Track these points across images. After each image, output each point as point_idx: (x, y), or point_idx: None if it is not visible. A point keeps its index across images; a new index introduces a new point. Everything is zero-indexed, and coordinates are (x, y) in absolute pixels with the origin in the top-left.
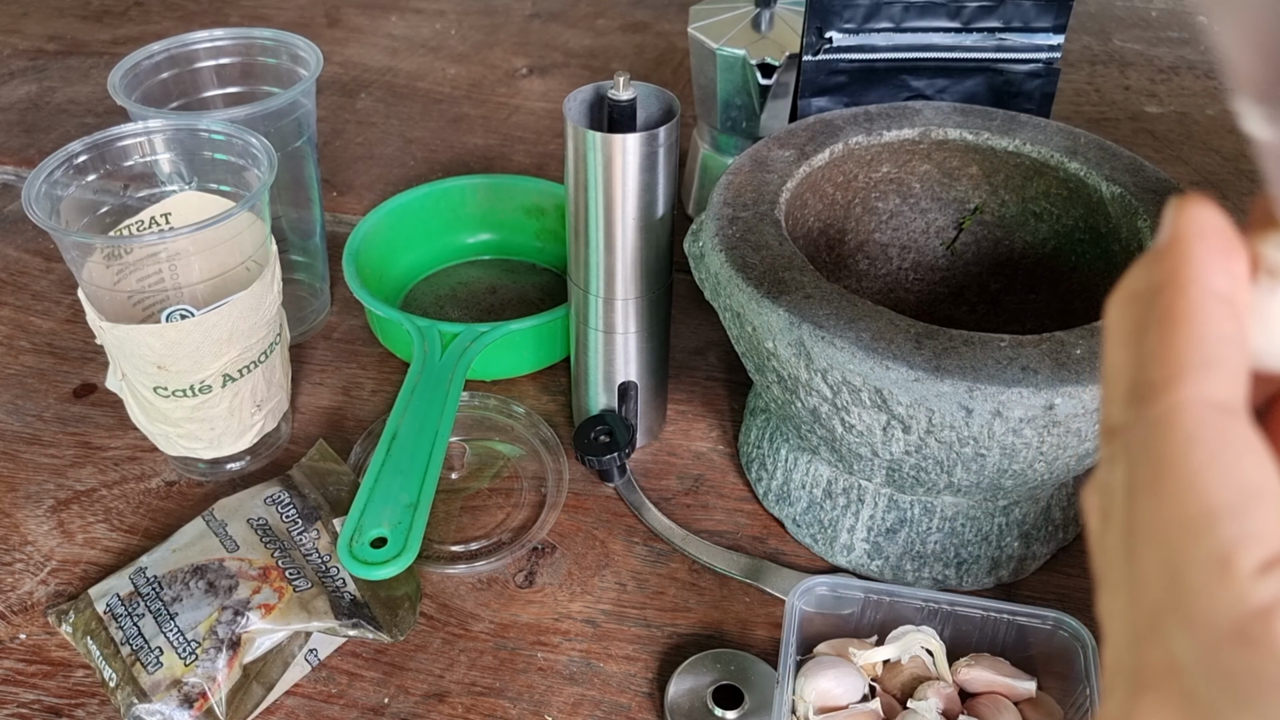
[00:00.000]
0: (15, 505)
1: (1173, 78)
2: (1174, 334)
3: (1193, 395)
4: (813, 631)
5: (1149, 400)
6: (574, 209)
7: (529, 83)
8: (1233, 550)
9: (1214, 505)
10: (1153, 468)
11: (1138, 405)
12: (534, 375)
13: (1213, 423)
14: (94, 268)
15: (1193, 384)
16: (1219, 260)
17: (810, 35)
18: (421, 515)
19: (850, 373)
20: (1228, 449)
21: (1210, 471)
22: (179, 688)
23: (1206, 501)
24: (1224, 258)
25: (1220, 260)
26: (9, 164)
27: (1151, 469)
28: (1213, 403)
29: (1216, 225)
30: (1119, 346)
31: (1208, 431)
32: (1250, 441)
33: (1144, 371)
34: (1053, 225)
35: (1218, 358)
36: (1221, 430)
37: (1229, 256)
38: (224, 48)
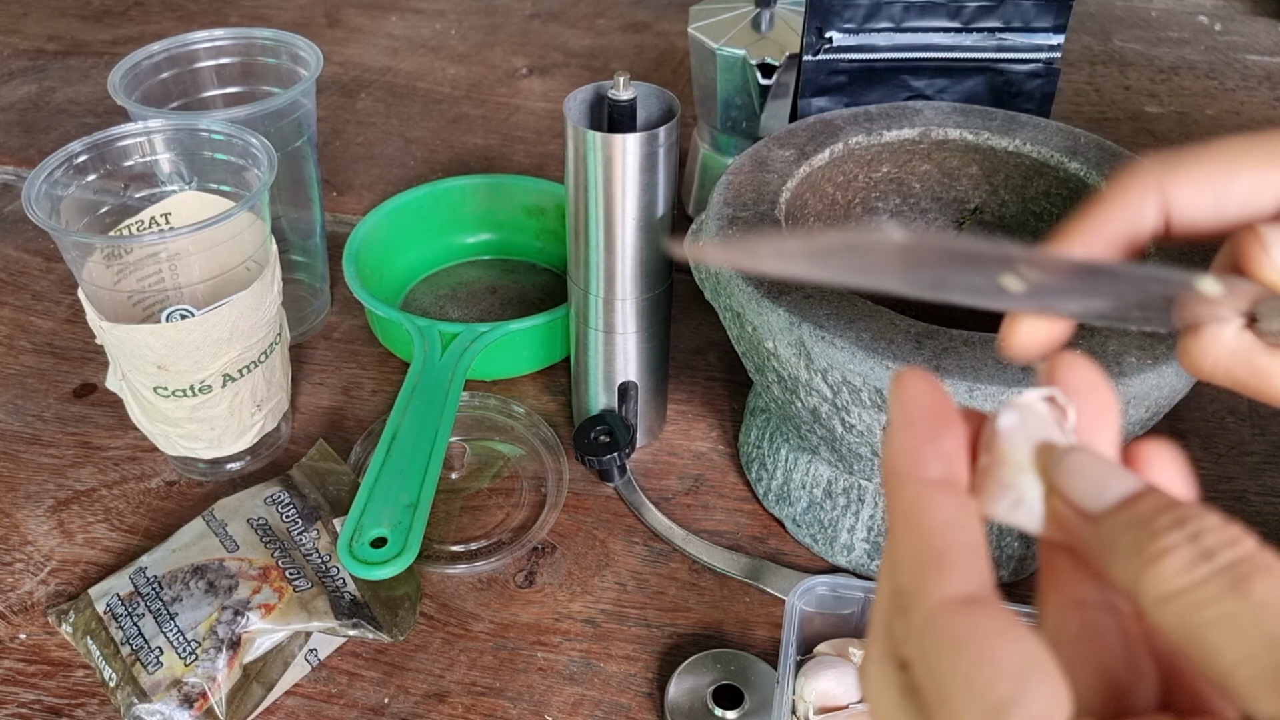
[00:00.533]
0: (15, 505)
1: (1173, 78)
2: (904, 536)
3: (938, 598)
4: (813, 631)
5: (906, 612)
6: (574, 209)
7: (529, 83)
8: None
9: (996, 701)
10: (935, 684)
11: (900, 617)
12: (534, 375)
13: (965, 621)
14: (94, 268)
15: (934, 586)
16: (928, 445)
17: (810, 35)
18: (421, 515)
19: (850, 373)
20: (986, 643)
21: (981, 671)
22: (179, 688)
23: (989, 699)
24: (932, 439)
25: (929, 444)
26: (9, 164)
27: (935, 685)
28: (956, 599)
29: (920, 402)
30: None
31: (964, 632)
32: (1000, 626)
33: (895, 579)
34: (1053, 225)
35: (945, 548)
36: (973, 627)
37: (938, 435)
38: (224, 48)
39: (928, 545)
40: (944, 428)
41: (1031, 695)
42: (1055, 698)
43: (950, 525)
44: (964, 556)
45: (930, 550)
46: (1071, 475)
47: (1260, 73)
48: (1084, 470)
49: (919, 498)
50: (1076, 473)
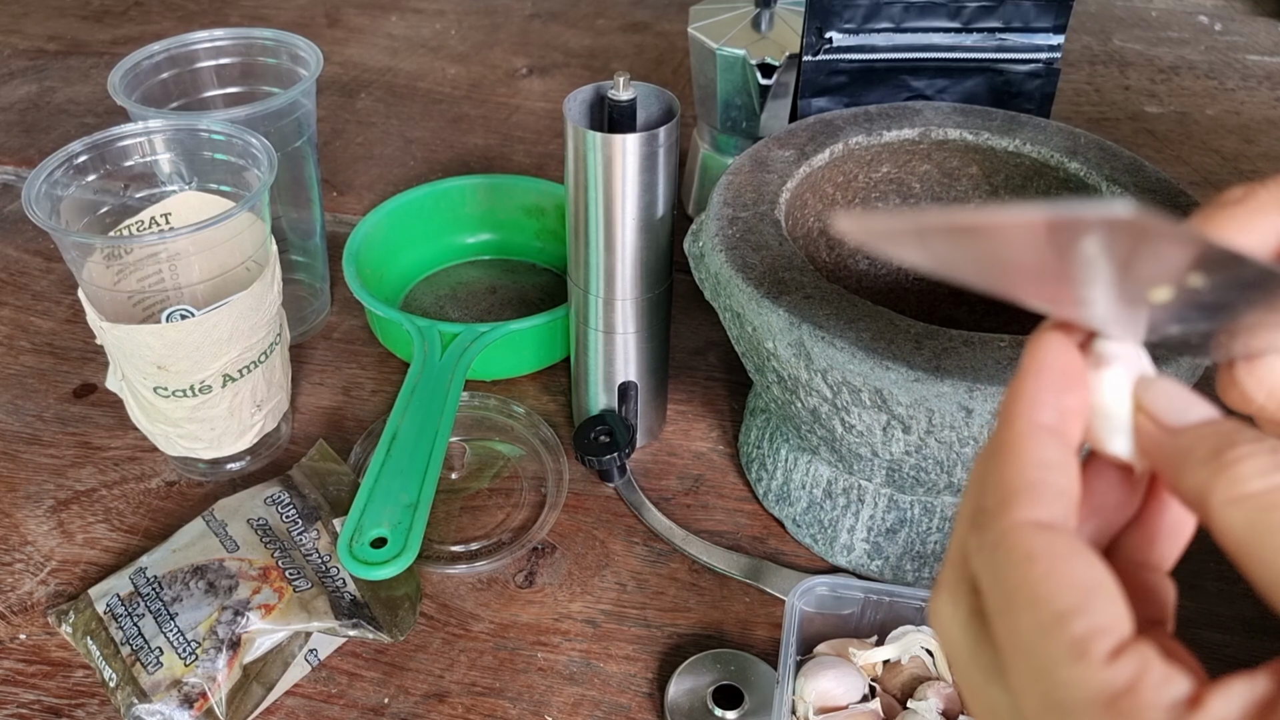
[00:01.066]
0: (15, 505)
1: (1173, 78)
2: (1001, 463)
3: (1020, 518)
4: (813, 631)
5: (985, 526)
6: (574, 209)
7: (529, 83)
8: (1086, 642)
9: (1060, 609)
10: (1002, 590)
11: (978, 531)
12: (534, 375)
13: (1041, 539)
14: (94, 268)
15: (1019, 508)
16: (1049, 395)
17: (810, 35)
18: (421, 515)
19: (850, 373)
20: (1058, 559)
21: (1049, 581)
22: (179, 688)
23: (1053, 607)
24: (1056, 393)
25: (1051, 394)
26: (9, 164)
27: (1001, 592)
28: (1036, 523)
29: (1056, 359)
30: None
31: (1039, 547)
32: (1075, 548)
33: (979, 500)
34: None
35: (1039, 481)
36: (1050, 544)
37: (1062, 391)
38: (224, 48)
39: (1022, 474)
40: (1071, 387)
41: (1094, 608)
42: (1117, 615)
43: (1050, 464)
44: (1055, 494)
45: (1024, 479)
46: (1160, 395)
47: (1260, 73)
48: (1172, 393)
49: (1028, 432)
50: (1165, 394)
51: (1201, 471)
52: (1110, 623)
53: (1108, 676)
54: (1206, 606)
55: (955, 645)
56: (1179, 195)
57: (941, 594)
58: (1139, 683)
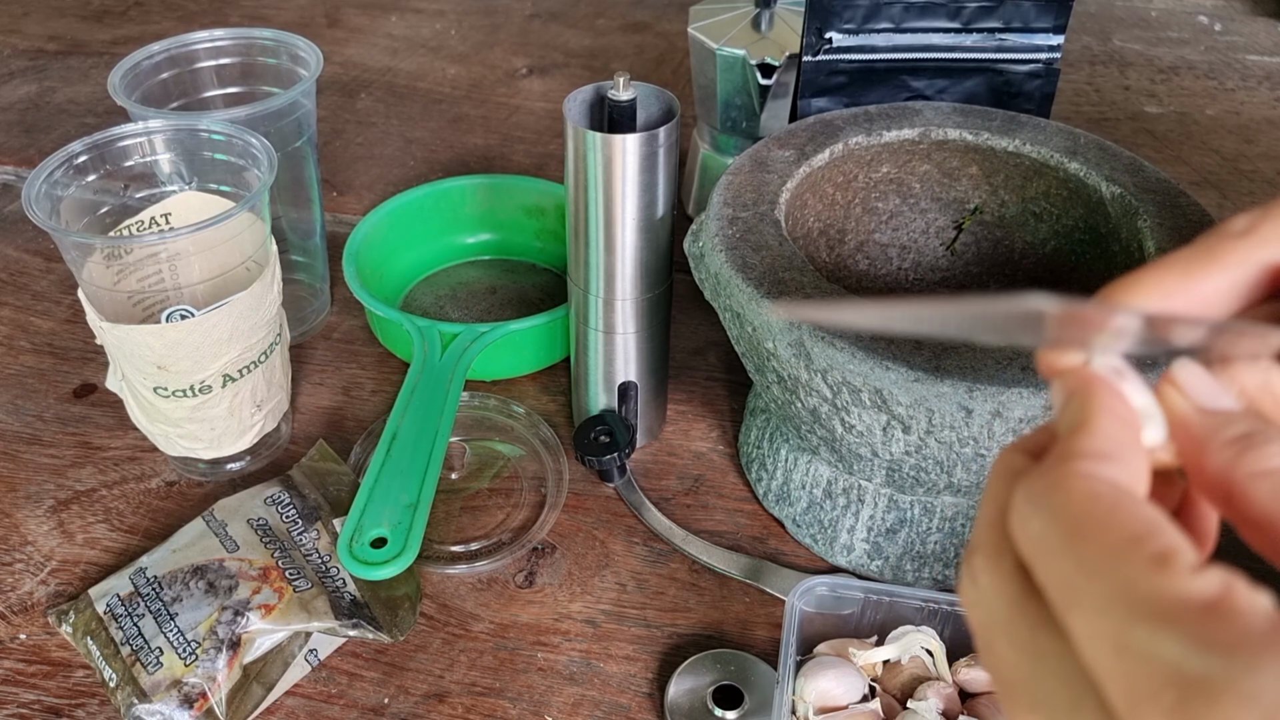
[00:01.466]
0: (15, 505)
1: (1173, 78)
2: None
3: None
4: (813, 631)
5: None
6: (574, 209)
7: (529, 83)
8: (1168, 556)
9: (1133, 532)
10: (1064, 524)
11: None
12: (534, 375)
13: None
14: (94, 268)
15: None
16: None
17: (810, 35)
18: (421, 515)
19: (850, 373)
20: (1123, 498)
21: (1118, 513)
22: (179, 688)
23: (1127, 530)
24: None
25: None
26: (9, 164)
27: (1062, 526)
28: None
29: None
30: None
31: (1101, 489)
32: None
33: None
34: (1053, 225)
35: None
36: (1113, 488)
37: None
38: (224, 48)
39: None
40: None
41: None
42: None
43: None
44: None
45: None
46: (1194, 377)
47: (1260, 73)
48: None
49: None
50: (1198, 377)
51: (1229, 449)
52: (1183, 544)
53: (1199, 584)
54: None
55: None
56: (1179, 195)
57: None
58: (1232, 590)
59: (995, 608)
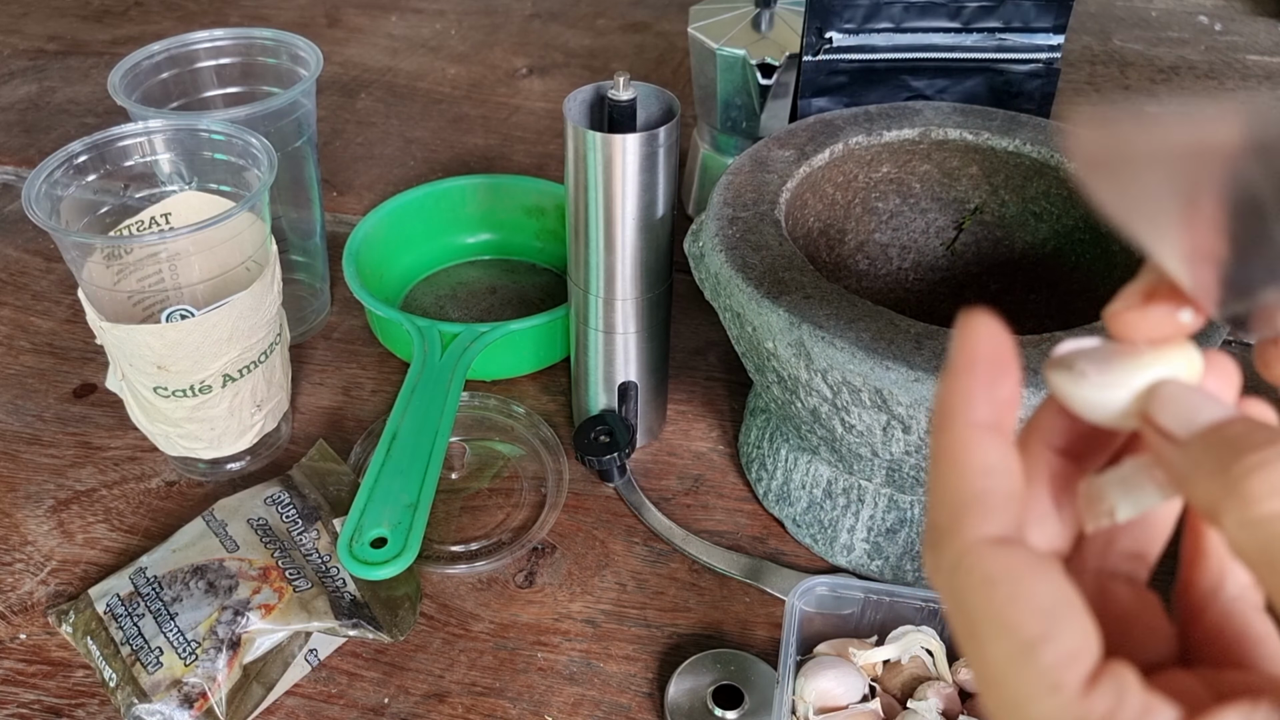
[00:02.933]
0: (15, 505)
1: (1173, 78)
2: (945, 475)
3: (974, 537)
4: (813, 631)
5: (940, 547)
6: (574, 209)
7: (529, 83)
8: (1058, 673)
9: (1028, 637)
10: (966, 618)
11: (934, 551)
12: (534, 375)
13: (998, 559)
14: (94, 268)
15: (971, 525)
16: (982, 389)
17: (810, 35)
18: (421, 515)
19: (850, 373)
20: (1018, 580)
21: (1012, 608)
22: (179, 688)
23: (1021, 635)
24: (988, 384)
25: (984, 388)
26: (9, 164)
27: (966, 619)
28: (991, 539)
29: (984, 348)
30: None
31: (998, 570)
32: (1032, 564)
33: (932, 515)
34: (1053, 225)
35: (984, 491)
36: (1008, 564)
37: (994, 381)
38: (224, 48)
39: (968, 485)
40: (1002, 375)
41: (1062, 632)
42: (1084, 635)
43: (992, 469)
44: (1002, 501)
45: (970, 490)
46: (1167, 403)
47: (1260, 73)
48: (1175, 398)
49: (965, 439)
50: (1168, 401)
51: (1211, 487)
52: (1079, 646)
53: (1083, 710)
54: None
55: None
56: None
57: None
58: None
59: None
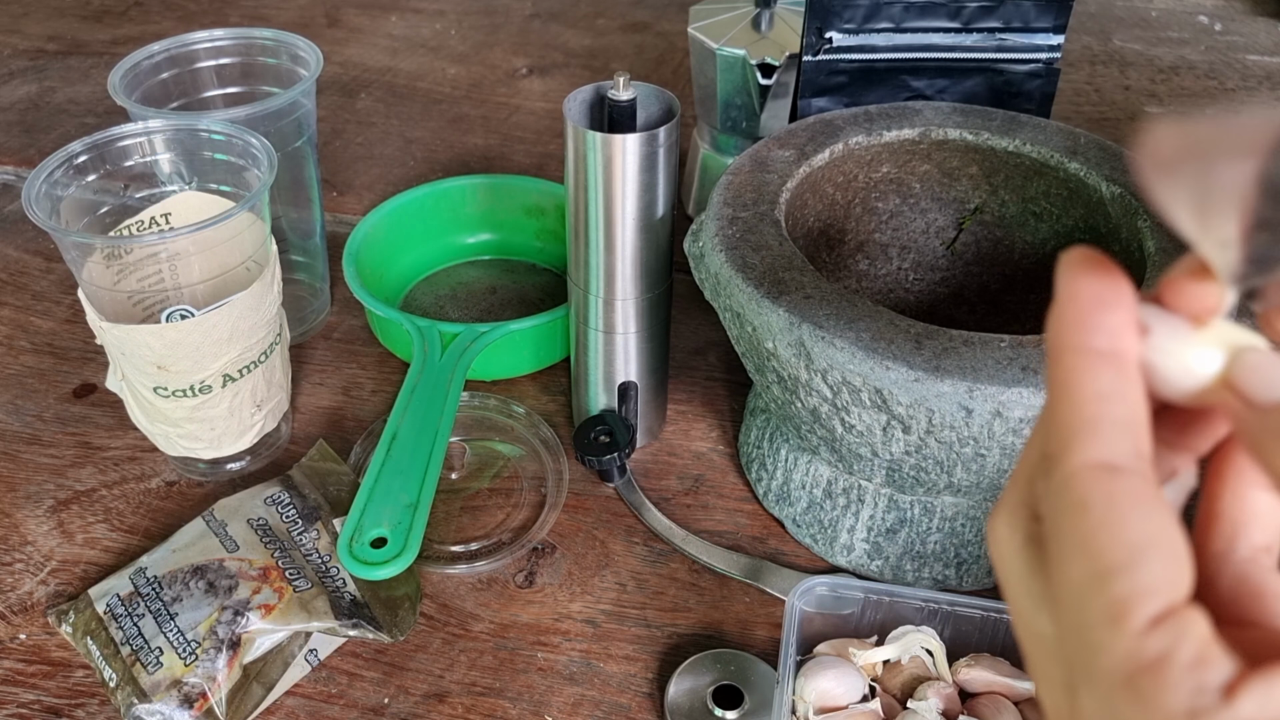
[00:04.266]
0: (15, 505)
1: (1173, 78)
2: (1059, 402)
3: (1079, 462)
4: (813, 631)
5: (1048, 472)
6: (574, 209)
7: (529, 83)
8: (1125, 605)
9: (1106, 565)
10: (1057, 536)
11: (1044, 477)
12: (534, 375)
13: (1099, 485)
14: (94, 268)
15: (1078, 450)
16: (1095, 317)
17: (810, 35)
18: (421, 515)
19: (850, 373)
20: (1114, 509)
21: (1100, 534)
22: (179, 688)
23: (1100, 562)
24: (1101, 313)
25: (1096, 316)
26: (9, 164)
27: (1057, 537)
28: (1097, 465)
29: (1095, 280)
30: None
31: (1095, 496)
32: (1137, 495)
33: (1045, 443)
34: (1053, 225)
35: (1097, 417)
36: (1109, 492)
37: (1107, 310)
38: (224, 48)
39: (1080, 412)
40: (1114, 302)
41: (1145, 568)
42: (1171, 577)
43: (1106, 395)
44: (1115, 427)
45: (1082, 417)
46: (1249, 370)
47: (1260, 73)
48: (1261, 366)
49: (1079, 365)
50: (1254, 368)
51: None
52: (1158, 584)
53: (1137, 646)
54: None
55: (1008, 568)
56: None
57: (1000, 515)
58: (1168, 659)
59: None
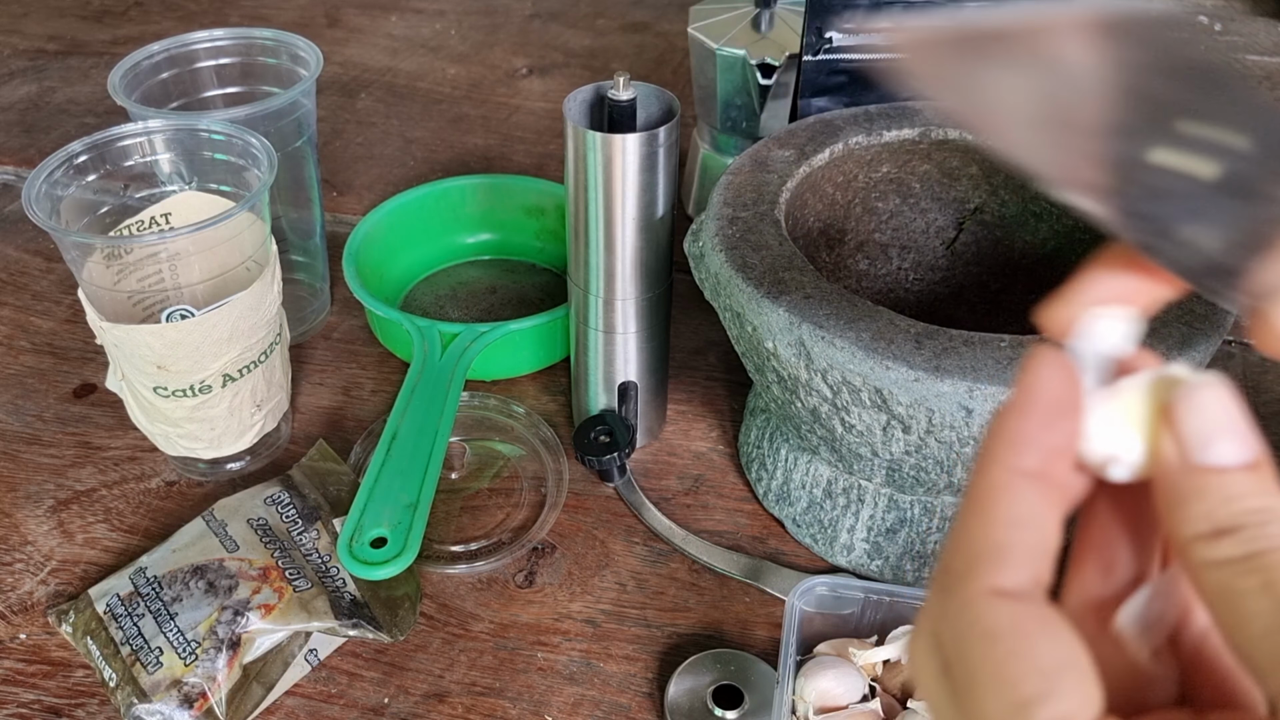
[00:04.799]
0: (15, 505)
1: None
2: (970, 519)
3: (985, 587)
4: (813, 631)
5: (949, 591)
6: (574, 209)
7: (529, 83)
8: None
9: (1023, 696)
10: (964, 667)
11: (942, 596)
12: (534, 375)
13: (1006, 614)
14: (94, 268)
15: (984, 575)
16: (1035, 432)
17: (810, 35)
18: (421, 515)
19: (850, 373)
20: (1022, 637)
21: (1012, 664)
22: (179, 688)
23: (1016, 693)
24: (1043, 428)
25: (1037, 432)
26: (9, 164)
27: (964, 669)
28: (1003, 592)
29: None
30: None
31: (1003, 624)
32: (1044, 622)
33: (948, 558)
34: (1053, 225)
35: (1008, 543)
36: (1015, 619)
37: (1051, 425)
38: (224, 48)
39: (991, 534)
40: (1061, 420)
41: (1061, 694)
42: (1085, 699)
43: (1022, 521)
44: (1024, 554)
45: (992, 540)
46: (1195, 413)
47: (1260, 73)
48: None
49: (1001, 484)
50: (1199, 412)
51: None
52: (1075, 709)
53: None
54: None
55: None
56: None
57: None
58: None
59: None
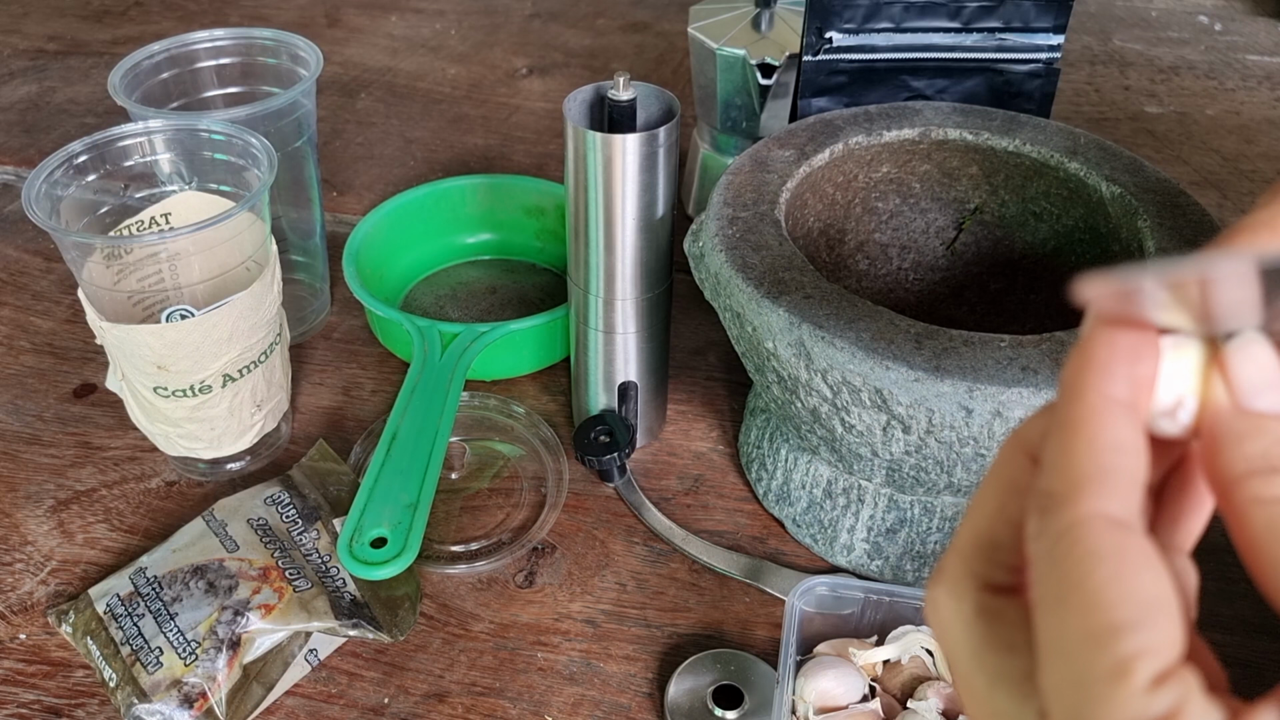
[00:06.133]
0: (15, 505)
1: (1173, 78)
2: (1072, 442)
3: (1091, 511)
4: (813, 631)
5: (1050, 512)
6: (574, 209)
7: (529, 83)
8: (1131, 663)
9: (1116, 620)
10: (1058, 584)
11: (1041, 516)
12: (534, 375)
13: (1112, 539)
14: (94, 268)
15: (1091, 499)
16: (1123, 364)
17: (810, 35)
18: (421, 515)
19: (850, 373)
20: (1127, 565)
21: (1112, 588)
22: (179, 688)
23: (1109, 616)
24: (1130, 361)
25: (1125, 364)
26: (9, 164)
27: (1056, 585)
28: (1110, 518)
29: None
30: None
31: (1108, 548)
32: (1147, 555)
33: (1047, 479)
34: (1053, 225)
35: (1113, 468)
36: (1120, 546)
37: (1136, 359)
38: (224, 48)
39: (1096, 459)
40: (1145, 354)
41: (1153, 626)
42: (1171, 639)
43: (1123, 447)
44: (1127, 482)
45: (1098, 464)
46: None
47: (1260, 73)
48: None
49: (1100, 408)
50: (1252, 360)
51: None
52: (1162, 645)
53: (1145, 705)
54: (1207, 607)
55: (955, 642)
56: (1179, 195)
57: (941, 585)
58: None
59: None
